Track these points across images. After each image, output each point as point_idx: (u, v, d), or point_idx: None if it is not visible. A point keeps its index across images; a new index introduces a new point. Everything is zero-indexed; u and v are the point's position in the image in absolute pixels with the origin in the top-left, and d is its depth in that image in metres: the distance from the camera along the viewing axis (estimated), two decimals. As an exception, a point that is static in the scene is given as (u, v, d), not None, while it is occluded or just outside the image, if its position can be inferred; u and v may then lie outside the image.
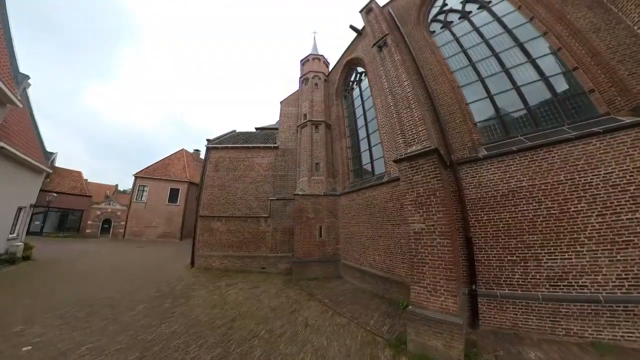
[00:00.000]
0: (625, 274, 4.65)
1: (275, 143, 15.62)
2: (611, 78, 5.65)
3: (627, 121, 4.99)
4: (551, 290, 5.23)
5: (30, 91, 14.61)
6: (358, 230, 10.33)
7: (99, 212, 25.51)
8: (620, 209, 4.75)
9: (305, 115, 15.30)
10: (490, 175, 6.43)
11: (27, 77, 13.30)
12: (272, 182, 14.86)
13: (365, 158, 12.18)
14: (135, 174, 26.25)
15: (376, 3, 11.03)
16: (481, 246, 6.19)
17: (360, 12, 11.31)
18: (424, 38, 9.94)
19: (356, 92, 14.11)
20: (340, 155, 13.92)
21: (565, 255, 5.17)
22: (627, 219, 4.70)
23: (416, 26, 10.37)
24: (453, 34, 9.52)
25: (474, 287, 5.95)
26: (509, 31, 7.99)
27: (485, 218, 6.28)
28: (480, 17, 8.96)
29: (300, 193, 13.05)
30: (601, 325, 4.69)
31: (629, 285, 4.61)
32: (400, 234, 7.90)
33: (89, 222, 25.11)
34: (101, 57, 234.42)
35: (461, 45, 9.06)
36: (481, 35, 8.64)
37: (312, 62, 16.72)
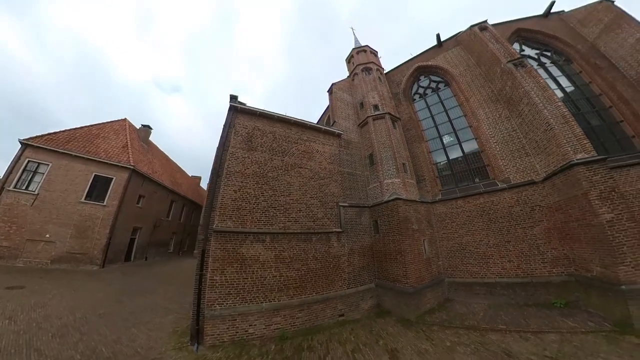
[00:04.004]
0: None
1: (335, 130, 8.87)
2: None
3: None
4: None
5: None
6: (473, 239, 7.19)
7: None
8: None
9: (376, 106, 9.69)
10: None
11: None
12: (341, 181, 7.89)
13: (453, 166, 8.92)
14: (25, 139, 10.14)
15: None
16: None
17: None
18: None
19: (432, 99, 10.44)
20: (423, 159, 9.22)
21: None
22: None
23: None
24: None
25: None
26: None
27: None
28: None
29: (403, 197, 7.01)
30: None
31: None
32: (535, 235, 6.24)
33: None
34: None
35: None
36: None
37: (359, 55, 11.83)
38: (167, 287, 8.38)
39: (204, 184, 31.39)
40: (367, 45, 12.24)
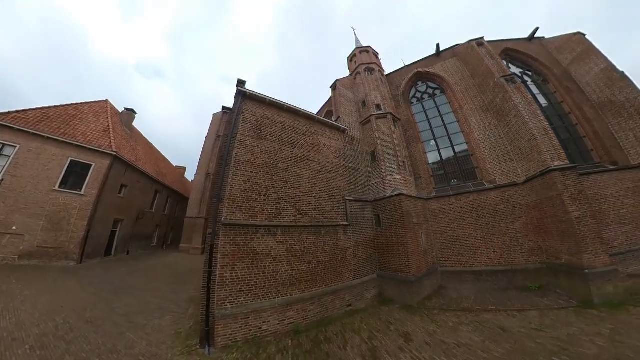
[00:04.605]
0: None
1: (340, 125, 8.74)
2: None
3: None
4: None
5: None
6: (463, 232, 7.71)
7: None
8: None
9: (378, 105, 9.75)
10: None
11: None
12: (346, 176, 7.84)
13: (446, 166, 9.50)
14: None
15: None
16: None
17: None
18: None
19: (429, 104, 10.83)
20: (420, 159, 9.61)
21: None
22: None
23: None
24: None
25: None
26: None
27: None
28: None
29: (405, 193, 7.25)
30: None
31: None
32: (515, 229, 6.96)
33: None
34: None
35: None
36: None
37: (361, 55, 11.71)
38: (156, 284, 7.51)
39: (188, 175, 28.96)
40: (369, 46, 12.14)
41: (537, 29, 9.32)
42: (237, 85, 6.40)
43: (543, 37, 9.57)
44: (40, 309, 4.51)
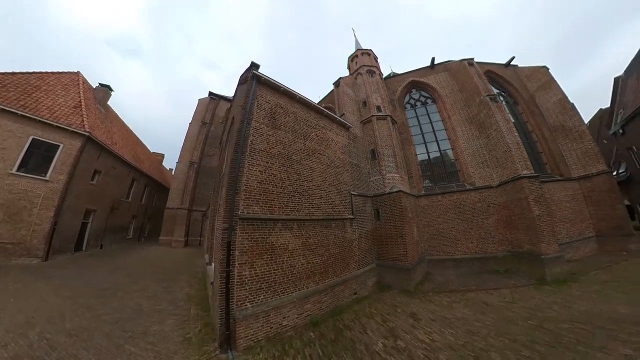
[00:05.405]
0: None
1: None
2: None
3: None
4: None
5: None
6: (447, 226, 8.68)
7: None
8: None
9: (378, 107, 10.25)
10: None
11: None
12: (351, 172, 8.20)
13: (433, 168, 10.57)
14: None
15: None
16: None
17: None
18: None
19: (421, 111, 11.70)
20: (412, 159, 10.43)
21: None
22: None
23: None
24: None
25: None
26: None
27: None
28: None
29: (404, 190, 7.96)
30: None
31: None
32: (489, 224, 8.13)
33: None
34: None
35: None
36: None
37: (363, 57, 12.01)
38: (144, 283, 6.60)
39: (167, 163, 26.09)
40: (371, 50, 12.47)
41: (512, 57, 10.85)
42: (251, 69, 5.96)
43: (517, 65, 11.19)
44: (4, 323, 3.52)
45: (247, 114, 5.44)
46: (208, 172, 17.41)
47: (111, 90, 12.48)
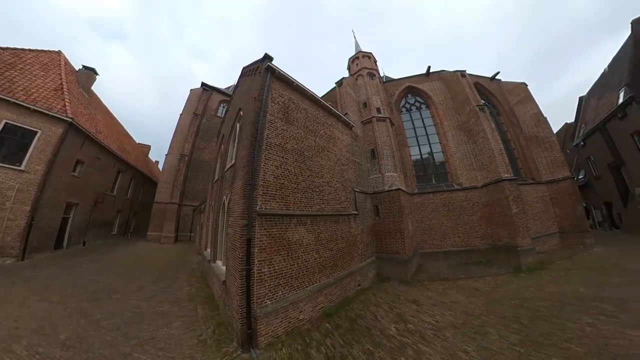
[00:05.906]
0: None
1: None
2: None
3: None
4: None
5: None
6: (437, 222, 9.43)
7: None
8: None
9: (378, 109, 10.73)
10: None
11: None
12: (354, 170, 8.57)
13: (426, 169, 11.41)
14: None
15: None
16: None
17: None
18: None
19: (415, 115, 12.44)
20: (406, 160, 11.14)
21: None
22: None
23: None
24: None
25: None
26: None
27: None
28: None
29: (402, 188, 8.59)
30: None
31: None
32: (473, 220, 9.03)
33: None
34: None
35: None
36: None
37: (363, 59, 12.38)
38: (139, 282, 6.20)
39: (153, 155, 24.19)
40: (371, 53, 12.85)
41: (497, 72, 12.03)
42: (265, 60, 5.92)
43: (500, 80, 12.42)
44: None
45: (262, 106, 5.35)
46: (199, 166, 16.67)
47: (96, 74, 11.36)
